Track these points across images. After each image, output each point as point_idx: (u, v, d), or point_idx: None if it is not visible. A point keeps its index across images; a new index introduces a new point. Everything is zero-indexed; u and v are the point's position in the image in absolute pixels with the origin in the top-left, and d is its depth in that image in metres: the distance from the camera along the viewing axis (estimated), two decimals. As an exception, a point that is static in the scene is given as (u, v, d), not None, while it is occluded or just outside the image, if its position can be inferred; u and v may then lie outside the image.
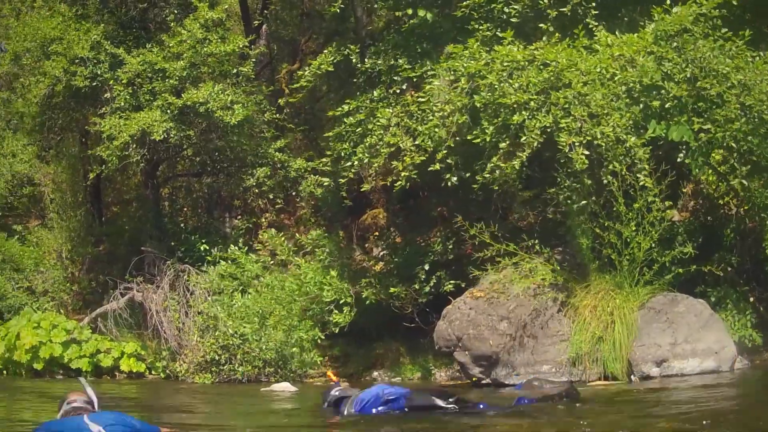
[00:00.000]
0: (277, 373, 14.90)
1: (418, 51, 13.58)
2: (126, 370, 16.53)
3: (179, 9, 16.96)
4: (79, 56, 16.36)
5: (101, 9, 17.62)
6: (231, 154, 17.32)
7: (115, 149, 15.51)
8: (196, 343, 15.48)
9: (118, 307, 16.65)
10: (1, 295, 18.61)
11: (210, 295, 15.78)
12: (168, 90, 15.69)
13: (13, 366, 17.11)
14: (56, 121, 18.47)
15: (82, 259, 19.37)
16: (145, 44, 16.61)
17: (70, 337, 16.61)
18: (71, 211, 20.08)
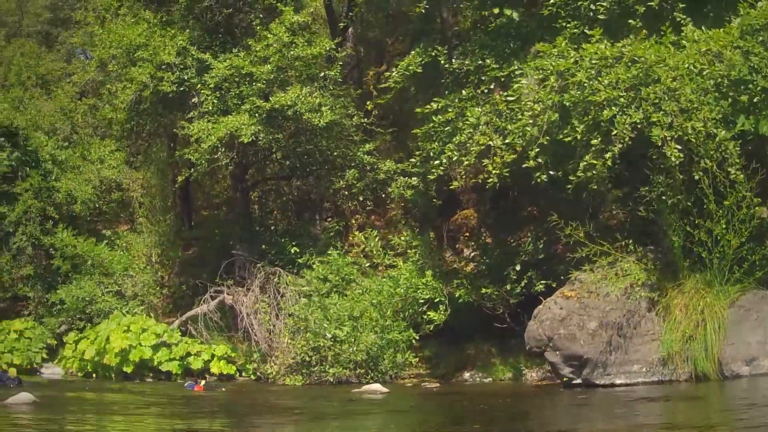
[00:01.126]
0: (367, 375, 16.39)
1: (505, 51, 14.88)
2: (216, 372, 18.40)
3: (264, 13, 18.68)
4: (166, 62, 18.21)
5: (186, 15, 19.50)
6: (320, 157, 19.00)
7: (204, 152, 17.34)
8: (286, 345, 17.17)
9: (208, 310, 18.64)
10: (90, 299, 20.86)
11: (301, 297, 17.46)
12: (255, 93, 17.43)
13: (103, 369, 19.23)
14: (144, 127, 20.39)
15: (171, 262, 21.53)
16: (231, 49, 18.39)
17: (160, 340, 18.65)
18: (160, 216, 22.21)
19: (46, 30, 36.83)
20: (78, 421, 12.42)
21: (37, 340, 21.10)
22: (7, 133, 22.93)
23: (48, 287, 22.11)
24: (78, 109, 25.59)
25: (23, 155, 22.86)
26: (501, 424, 11.42)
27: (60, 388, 18.22)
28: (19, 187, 22.24)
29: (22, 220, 22.03)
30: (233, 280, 18.58)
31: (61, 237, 21.81)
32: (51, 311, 21.67)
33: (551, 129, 13.22)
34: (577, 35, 13.61)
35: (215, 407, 14.56)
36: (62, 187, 22.44)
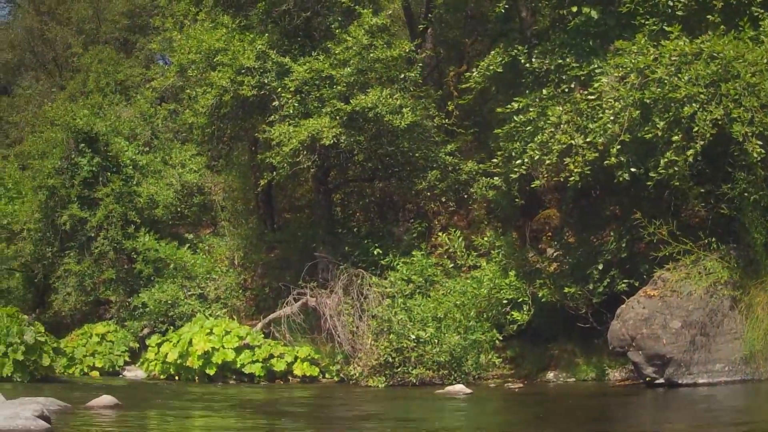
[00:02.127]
0: (451, 376, 17.75)
1: (585, 49, 16.13)
2: (299, 374, 19.91)
3: (343, 16, 20.22)
4: (245, 66, 19.75)
5: (264, 19, 21.07)
6: (402, 158, 20.52)
7: (286, 156, 18.90)
8: (370, 346, 18.58)
9: (291, 312, 20.23)
10: (173, 302, 22.67)
11: (384, 298, 18.92)
12: (336, 96, 18.93)
13: (185, 372, 20.77)
14: (225, 131, 21.99)
15: (254, 265, 23.27)
16: (310, 52, 19.93)
17: (243, 342, 20.16)
18: (243, 219, 24.03)
19: (123, 36, 39.30)
20: (160, 422, 13.54)
21: (119, 344, 23.01)
22: (87, 139, 25.01)
23: (130, 291, 24.02)
24: (158, 114, 27.60)
25: (104, 160, 24.92)
26: (584, 424, 12.37)
27: (142, 390, 19.53)
28: (100, 192, 24.21)
29: (104, 225, 23.96)
30: (316, 282, 20.13)
31: (143, 241, 23.67)
32: (133, 315, 23.53)
33: (632, 126, 14.45)
34: (656, 32, 14.75)
35: (298, 408, 15.64)
36: (144, 191, 24.42)
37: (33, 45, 43.34)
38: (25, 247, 26.44)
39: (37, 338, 20.14)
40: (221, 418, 14.28)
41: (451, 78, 23.32)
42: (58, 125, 25.80)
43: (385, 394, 17.31)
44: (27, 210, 26.54)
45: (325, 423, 13.59)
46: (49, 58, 43.02)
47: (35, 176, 26.11)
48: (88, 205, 24.49)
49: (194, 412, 15.14)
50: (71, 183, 24.68)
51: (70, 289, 24.44)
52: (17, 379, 19.47)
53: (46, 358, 20.27)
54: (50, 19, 42.90)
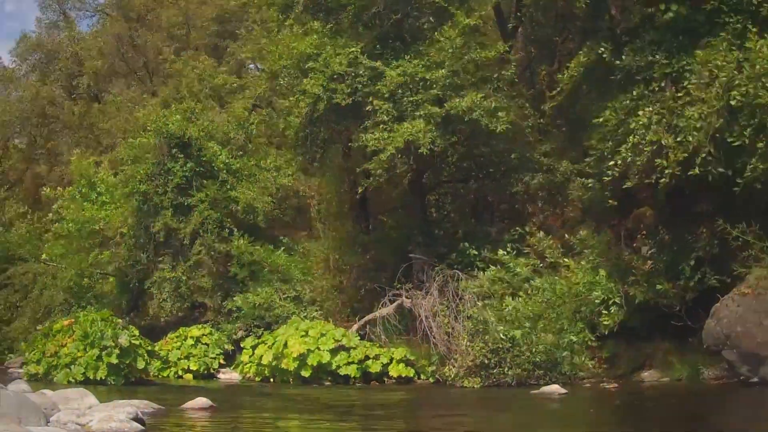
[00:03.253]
0: (546, 376, 19.05)
1: (674, 46, 17.44)
2: (395, 375, 21.34)
3: (435, 17, 21.80)
4: (338, 72, 21.31)
5: (355, 23, 22.70)
6: (496, 159, 22.11)
7: (382, 163, 20.46)
8: (465, 347, 19.93)
9: (386, 313, 21.88)
10: (268, 305, 24.55)
11: (479, 299, 20.41)
12: (430, 99, 20.43)
13: (281, 374, 22.35)
14: (318, 134, 23.57)
15: (349, 267, 25.02)
16: (403, 55, 21.46)
17: (339, 344, 21.69)
18: (337, 221, 25.74)
19: (214, 43, 41.60)
20: (254, 423, 14.22)
21: (214, 346, 24.91)
22: (180, 144, 27.14)
23: (225, 294, 25.96)
24: (251, 119, 29.57)
25: (197, 166, 27.01)
26: (679, 424, 13.41)
27: (236, 392, 21.09)
28: (194, 198, 26.32)
29: (199, 230, 26.03)
30: (411, 284, 21.73)
31: (238, 245, 25.71)
32: (228, 317, 25.50)
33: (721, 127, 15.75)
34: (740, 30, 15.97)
35: (393, 410, 16.61)
36: (238, 196, 26.41)
37: (123, 52, 46.13)
38: (119, 252, 28.87)
39: (131, 341, 21.89)
40: (316, 419, 15.05)
41: (543, 77, 24.62)
42: (151, 131, 28.01)
43: (480, 395, 18.43)
44: (120, 215, 28.99)
45: (419, 424, 14.51)
46: (139, 65, 45.81)
47: (128, 182, 28.39)
48: (182, 212, 26.53)
49: (289, 413, 16.04)
50: (164, 189, 26.74)
51: (165, 295, 26.62)
52: (111, 382, 21.14)
53: (141, 362, 22.05)
54: (140, 25, 45.69)
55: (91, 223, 30.93)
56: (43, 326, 25.95)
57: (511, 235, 22.33)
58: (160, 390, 20.46)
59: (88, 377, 21.49)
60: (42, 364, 22.93)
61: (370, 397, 19.04)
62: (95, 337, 21.97)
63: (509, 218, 23.64)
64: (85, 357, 21.86)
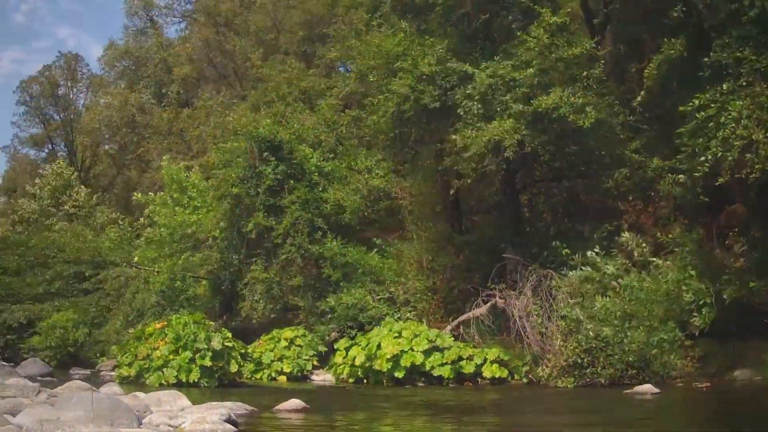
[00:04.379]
0: (638, 375, 19.59)
1: (762, 42, 17.94)
2: (488, 376, 22.06)
3: (522, 16, 22.56)
4: (427, 72, 22.21)
5: (443, 23, 23.63)
6: (587, 157, 22.74)
7: (470, 160, 21.30)
8: (558, 347, 20.66)
9: (480, 314, 22.69)
10: (362, 306, 25.64)
11: (572, 298, 21.10)
12: (519, 98, 21.23)
13: (374, 375, 23.25)
14: (409, 135, 24.55)
15: (442, 268, 25.82)
16: (491, 55, 22.30)
17: (432, 345, 22.52)
18: (430, 222, 26.65)
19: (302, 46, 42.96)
20: (347, 424, 14.67)
21: (308, 348, 26.06)
22: (271, 147, 28.47)
23: (318, 296, 27.18)
24: (341, 120, 30.65)
25: (288, 168, 28.38)
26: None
27: (330, 393, 21.85)
28: (286, 200, 27.60)
29: (291, 232, 27.33)
30: (505, 284, 22.49)
31: (330, 246, 26.93)
32: (321, 319, 26.60)
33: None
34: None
35: (486, 411, 17.11)
36: (330, 197, 27.63)
37: (211, 57, 47.85)
38: (211, 255, 30.38)
39: (224, 344, 22.80)
40: (409, 420, 15.45)
41: (633, 73, 25.04)
42: (242, 135, 29.33)
43: (573, 395, 18.94)
44: (212, 219, 30.36)
45: (513, 425, 14.60)
46: (228, 70, 47.42)
47: (219, 186, 29.90)
48: (274, 213, 27.95)
49: (382, 414, 16.39)
50: (256, 191, 28.17)
51: (258, 296, 27.95)
52: (204, 385, 22.09)
53: (234, 364, 23.01)
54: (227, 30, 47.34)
55: (183, 227, 32.64)
56: (136, 329, 26.96)
57: (601, 234, 22.88)
58: (253, 392, 21.14)
59: (181, 380, 22.39)
60: (134, 366, 23.79)
61: (464, 398, 19.65)
62: (188, 339, 22.89)
63: (601, 217, 24.08)
64: (178, 360, 22.75)
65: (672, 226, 22.19)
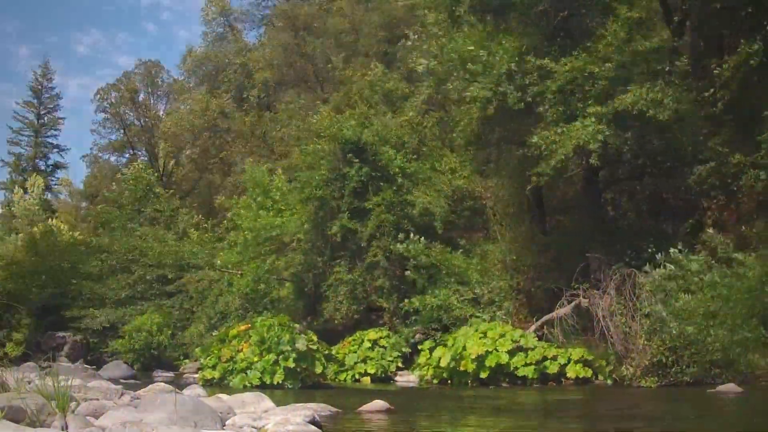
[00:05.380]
0: (722, 374, 19.98)
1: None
2: (572, 376, 22.60)
3: (600, 13, 23.16)
4: (507, 71, 22.94)
5: (522, 22, 24.38)
6: (669, 153, 23.28)
7: (553, 165, 21.96)
8: (642, 346, 21.17)
9: (564, 313, 23.39)
10: (446, 307, 26.48)
11: (655, 297, 21.66)
12: (599, 94, 21.89)
13: (459, 376, 23.81)
14: (492, 135, 25.52)
15: (526, 268, 26.60)
16: (570, 52, 23.00)
17: (516, 345, 23.17)
18: (514, 222, 27.39)
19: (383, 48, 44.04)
20: (432, 425, 14.25)
21: (392, 349, 26.84)
22: (355, 149, 29.49)
23: (402, 297, 28.01)
24: (424, 122, 31.55)
25: (372, 170, 29.34)
26: None
27: (414, 395, 22.01)
28: (370, 202, 28.58)
29: (376, 234, 28.29)
30: (588, 283, 23.12)
31: (415, 247, 27.74)
32: (406, 320, 27.50)
33: None
34: None
35: (571, 411, 17.18)
36: (414, 199, 28.49)
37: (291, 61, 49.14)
38: (295, 258, 31.46)
39: (308, 346, 23.39)
40: (494, 421, 15.24)
41: (713, 69, 25.14)
42: (325, 137, 30.36)
43: (657, 395, 18.90)
44: (296, 221, 31.45)
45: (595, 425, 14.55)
46: (308, 73, 48.63)
47: (303, 188, 30.92)
48: (359, 215, 28.93)
49: (467, 415, 16.34)
50: (340, 194, 29.23)
51: (341, 297, 28.85)
52: (288, 386, 22.67)
53: (318, 366, 23.56)
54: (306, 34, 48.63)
55: (267, 230, 33.64)
56: (219, 332, 27.88)
57: (684, 230, 23.46)
58: (337, 393, 21.43)
59: (265, 382, 22.96)
60: (218, 369, 24.47)
61: (548, 399, 19.75)
62: (272, 342, 23.45)
63: (684, 214, 24.60)
64: (262, 362, 23.35)
65: (755, 222, 22.57)
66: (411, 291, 27.93)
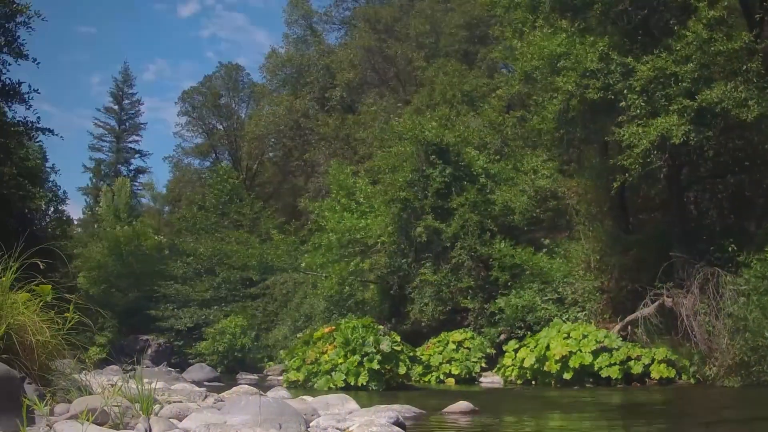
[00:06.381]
0: (805, 374, 20.34)
1: None
2: (656, 376, 23.01)
3: (680, 11, 23.60)
4: (589, 69, 23.53)
5: (603, 20, 24.86)
6: (751, 152, 23.63)
7: (636, 157, 22.49)
8: (726, 345, 21.51)
9: (648, 313, 23.75)
10: (530, 308, 27.15)
11: (739, 296, 21.95)
12: (681, 93, 22.31)
13: (542, 376, 24.43)
14: (574, 134, 25.99)
15: (610, 268, 27.08)
16: (651, 50, 23.38)
17: (600, 345, 23.66)
18: (597, 222, 27.98)
19: (464, 48, 44.82)
20: (516, 426, 14.64)
21: (476, 350, 27.51)
22: (438, 151, 30.32)
23: (487, 298, 28.81)
24: (506, 122, 32.30)
25: (455, 171, 30.19)
26: None
27: (498, 395, 22.49)
28: (454, 202, 29.42)
29: (460, 234, 29.11)
30: (672, 282, 23.48)
31: (499, 248, 28.54)
32: (490, 321, 28.23)
33: None
34: None
35: (654, 411, 17.19)
36: (498, 199, 29.34)
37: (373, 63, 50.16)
38: (380, 260, 32.37)
39: (392, 347, 23.95)
40: (578, 423, 15.38)
41: None
42: (407, 139, 31.27)
43: (740, 395, 19.48)
44: (380, 223, 32.36)
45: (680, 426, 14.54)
46: (390, 75, 49.63)
47: (387, 190, 31.92)
48: (442, 216, 29.74)
49: (550, 415, 16.62)
50: (424, 195, 30.07)
51: (426, 299, 29.76)
52: (372, 388, 23.12)
53: (402, 367, 24.08)
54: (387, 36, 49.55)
55: (352, 232, 34.58)
56: (304, 334, 28.77)
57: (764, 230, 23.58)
58: (421, 395, 21.74)
59: (349, 383, 23.42)
60: (302, 371, 25.08)
61: (632, 399, 19.99)
62: (356, 344, 24.02)
63: (767, 212, 24.72)
64: (346, 363, 23.86)
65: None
66: (495, 291, 28.56)
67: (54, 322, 9.28)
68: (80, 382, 9.69)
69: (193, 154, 74.11)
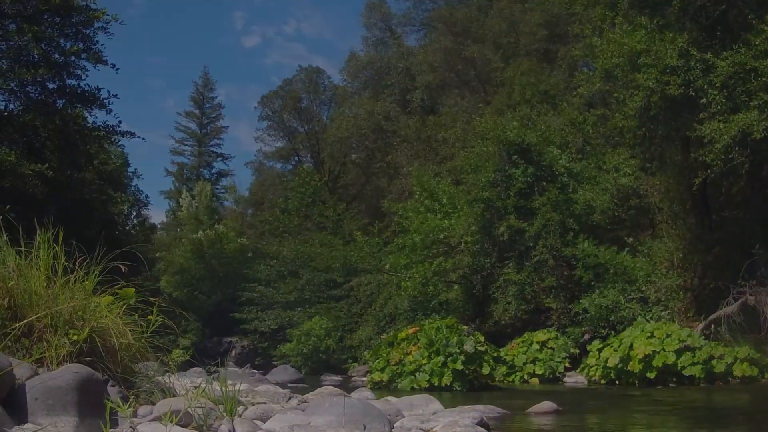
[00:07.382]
0: None
1: None
2: (739, 375, 23.07)
3: (758, 6, 23.81)
4: (669, 65, 23.91)
5: (681, 16, 25.14)
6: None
7: (718, 153, 22.81)
8: None
9: (730, 312, 24.01)
10: (613, 307, 27.45)
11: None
12: (761, 88, 22.51)
13: (626, 376, 24.60)
14: (656, 132, 26.30)
15: (693, 266, 27.43)
16: (731, 45, 23.69)
17: (683, 344, 23.80)
18: (680, 220, 28.24)
19: (544, 47, 45.31)
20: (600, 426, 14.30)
21: (560, 350, 27.88)
22: (520, 150, 30.93)
23: (570, 297, 29.19)
24: (587, 120, 32.73)
25: (537, 170, 30.72)
26: None
27: (582, 395, 22.39)
28: (536, 202, 29.95)
29: (542, 233, 29.57)
30: (755, 280, 23.66)
31: (582, 247, 28.91)
32: (574, 321, 28.60)
33: None
34: None
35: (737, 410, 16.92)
36: (580, 198, 29.78)
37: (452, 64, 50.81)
38: (463, 260, 32.95)
39: (476, 348, 24.13)
40: (661, 421, 15.27)
41: None
42: (489, 139, 31.93)
43: None
44: (463, 223, 33.02)
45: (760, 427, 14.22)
46: (470, 76, 50.22)
47: (470, 190, 32.53)
48: (525, 216, 30.23)
49: (634, 415, 16.46)
50: (507, 194, 30.63)
51: (510, 298, 30.11)
52: (456, 388, 23.37)
53: (486, 367, 24.28)
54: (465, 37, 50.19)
55: (435, 232, 35.15)
56: (388, 335, 29.31)
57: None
58: (505, 395, 21.83)
59: (433, 384, 23.58)
60: (386, 372, 25.44)
61: (715, 398, 19.99)
62: (440, 344, 24.33)
63: None
64: (430, 364, 24.09)
65: None
66: (577, 291, 28.91)
67: (137, 325, 9.80)
68: (163, 384, 10.16)
69: (275, 158, 75.46)
